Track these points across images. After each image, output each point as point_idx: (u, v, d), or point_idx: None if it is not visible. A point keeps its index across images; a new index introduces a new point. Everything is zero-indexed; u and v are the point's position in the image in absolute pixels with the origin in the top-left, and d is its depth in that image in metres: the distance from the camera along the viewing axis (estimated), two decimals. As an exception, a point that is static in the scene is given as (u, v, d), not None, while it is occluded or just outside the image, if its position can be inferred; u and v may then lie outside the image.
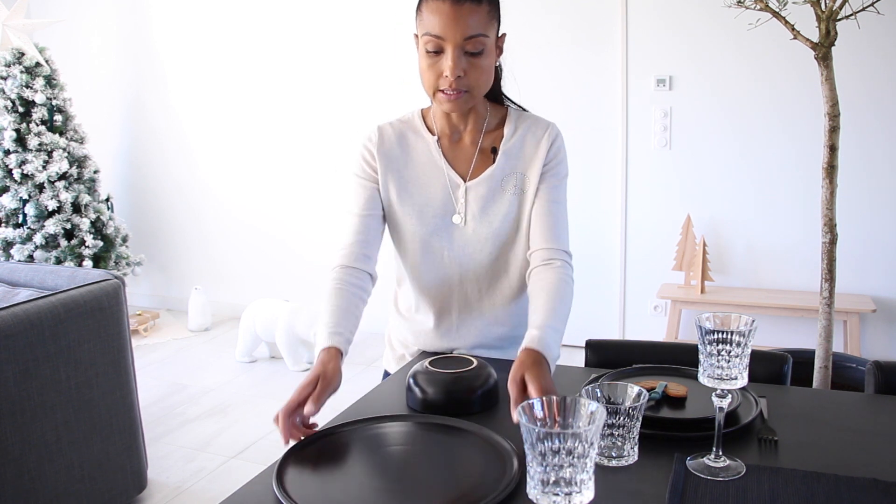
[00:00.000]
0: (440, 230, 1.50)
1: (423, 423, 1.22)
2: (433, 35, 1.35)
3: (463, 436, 1.16)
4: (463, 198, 1.48)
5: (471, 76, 1.37)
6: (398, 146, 1.52)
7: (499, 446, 1.11)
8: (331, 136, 4.29)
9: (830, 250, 1.95)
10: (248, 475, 1.13)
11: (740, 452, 1.09)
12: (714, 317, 1.03)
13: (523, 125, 1.52)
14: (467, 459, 1.11)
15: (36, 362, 2.06)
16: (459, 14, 1.33)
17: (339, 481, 1.07)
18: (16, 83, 4.00)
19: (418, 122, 1.54)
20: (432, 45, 1.36)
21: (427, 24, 1.36)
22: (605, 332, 3.78)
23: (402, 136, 1.52)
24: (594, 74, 3.67)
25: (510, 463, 1.05)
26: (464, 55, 1.36)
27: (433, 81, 1.39)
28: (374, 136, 1.52)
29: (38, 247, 4.05)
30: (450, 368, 1.31)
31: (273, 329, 3.78)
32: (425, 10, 1.37)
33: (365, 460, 1.14)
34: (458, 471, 1.09)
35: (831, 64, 1.88)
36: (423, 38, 1.37)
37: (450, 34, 1.34)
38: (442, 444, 1.15)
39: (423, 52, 1.38)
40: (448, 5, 1.33)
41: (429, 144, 1.51)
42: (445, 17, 1.34)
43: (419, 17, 1.39)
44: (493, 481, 1.02)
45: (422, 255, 1.53)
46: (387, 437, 1.19)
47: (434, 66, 1.37)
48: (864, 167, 3.27)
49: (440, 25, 1.34)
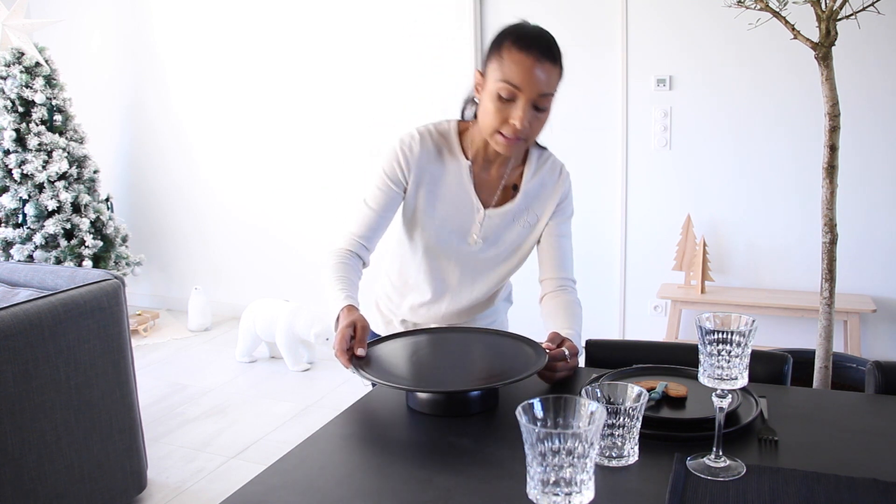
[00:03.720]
0: (452, 246, 1.62)
1: (466, 330, 1.55)
2: (511, 84, 1.41)
3: (494, 334, 1.50)
4: (480, 223, 1.60)
5: (533, 127, 1.46)
6: (435, 162, 1.58)
7: (529, 343, 1.42)
8: (331, 135, 4.29)
9: (831, 250, 1.95)
10: (248, 475, 1.13)
11: (740, 452, 1.09)
12: (714, 317, 1.03)
13: (542, 168, 1.64)
14: (499, 350, 1.42)
15: (36, 362, 2.06)
16: (540, 71, 1.41)
17: (399, 366, 1.37)
18: (16, 83, 4.00)
19: (455, 141, 1.59)
20: (506, 92, 1.42)
21: (506, 72, 1.42)
22: (605, 332, 3.78)
23: (439, 151, 1.59)
24: (594, 74, 3.67)
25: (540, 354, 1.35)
26: (531, 108, 1.43)
27: (496, 124, 1.45)
28: (416, 146, 1.57)
29: (38, 247, 4.05)
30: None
31: (273, 329, 3.78)
32: (506, 57, 1.42)
33: (416, 354, 1.42)
34: (493, 359, 1.41)
35: (831, 64, 1.88)
36: (498, 83, 1.43)
37: (527, 88, 1.41)
38: (479, 342, 1.49)
39: (494, 95, 1.44)
40: (532, 61, 1.41)
41: (461, 168, 1.58)
42: (527, 72, 1.41)
43: (496, 61, 1.44)
44: (522, 365, 1.31)
45: (427, 258, 1.65)
46: (427, 341, 1.48)
47: (501, 112, 1.44)
48: (865, 167, 3.27)
49: (520, 77, 1.41)
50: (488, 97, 1.45)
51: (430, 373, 1.35)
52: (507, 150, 1.49)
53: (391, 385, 1.26)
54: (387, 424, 1.27)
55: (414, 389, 1.26)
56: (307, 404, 3.38)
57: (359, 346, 1.35)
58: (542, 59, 1.42)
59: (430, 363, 1.40)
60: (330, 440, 1.21)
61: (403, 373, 1.35)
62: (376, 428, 1.27)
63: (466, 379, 1.32)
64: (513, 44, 1.43)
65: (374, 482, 1.07)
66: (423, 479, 1.06)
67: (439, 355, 1.44)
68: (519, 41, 1.43)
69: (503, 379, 1.27)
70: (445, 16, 3.89)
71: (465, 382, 1.30)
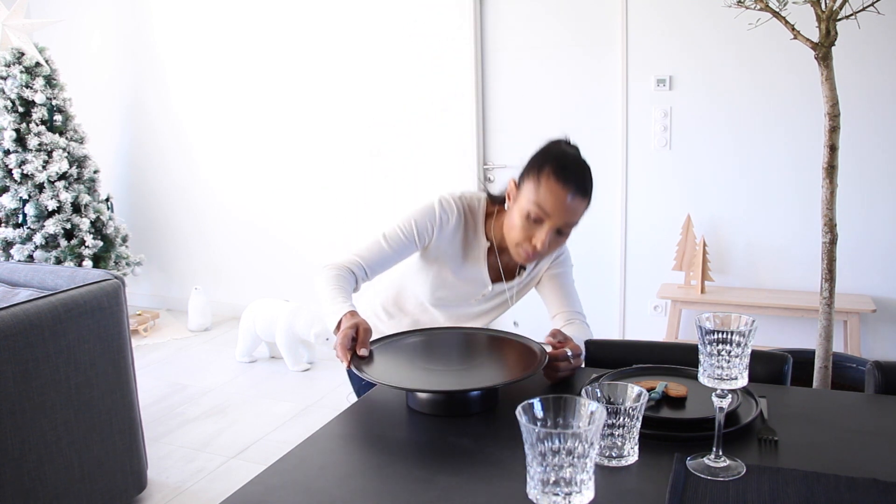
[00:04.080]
0: (451, 305, 1.75)
1: (464, 330, 1.58)
2: (542, 209, 1.51)
3: (494, 334, 1.53)
4: (483, 295, 1.73)
5: (551, 247, 1.57)
6: (460, 236, 1.69)
7: (530, 343, 1.44)
8: (331, 135, 4.29)
9: (830, 250, 1.95)
10: (248, 475, 1.13)
11: (740, 452, 1.09)
12: (714, 317, 1.03)
13: (551, 255, 1.74)
14: (499, 350, 1.45)
15: (36, 362, 2.05)
16: (571, 204, 1.51)
17: (399, 368, 1.37)
18: (16, 83, 4.00)
19: (480, 221, 1.70)
20: (535, 215, 1.52)
21: (540, 197, 1.51)
22: (605, 332, 3.78)
23: (465, 227, 1.69)
24: (594, 75, 3.67)
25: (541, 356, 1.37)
26: (555, 232, 1.53)
27: (520, 239, 1.56)
28: (452, 219, 1.66)
29: (38, 247, 4.05)
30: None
31: (273, 329, 3.78)
32: (543, 184, 1.50)
33: (417, 356, 1.44)
34: (493, 358, 1.43)
35: (831, 64, 1.88)
36: (530, 204, 1.52)
37: (556, 217, 1.51)
38: (480, 343, 1.50)
39: (525, 213, 1.53)
40: (566, 194, 1.50)
41: (480, 247, 1.69)
42: (559, 203, 1.50)
43: (533, 182, 1.52)
44: (522, 365, 1.34)
45: (424, 303, 1.76)
46: (428, 341, 1.51)
47: (527, 230, 1.54)
48: (865, 167, 3.27)
49: (551, 206, 1.50)
50: (518, 212, 1.55)
51: (431, 373, 1.35)
52: (524, 262, 1.61)
53: (391, 385, 1.26)
54: (387, 424, 1.27)
55: (414, 390, 1.26)
56: (307, 404, 3.38)
57: (361, 346, 1.38)
58: (576, 194, 1.50)
59: (431, 363, 1.40)
60: (330, 440, 1.21)
61: (404, 373, 1.35)
62: (376, 428, 1.27)
63: (467, 379, 1.32)
64: (552, 172, 1.50)
65: (374, 482, 1.07)
66: (423, 479, 1.06)
67: (439, 355, 1.44)
68: (558, 171, 1.50)
69: (503, 379, 1.27)
70: (445, 16, 3.89)
71: (466, 382, 1.29)
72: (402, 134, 4.11)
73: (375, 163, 4.21)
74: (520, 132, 3.81)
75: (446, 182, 4.01)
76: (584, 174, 1.54)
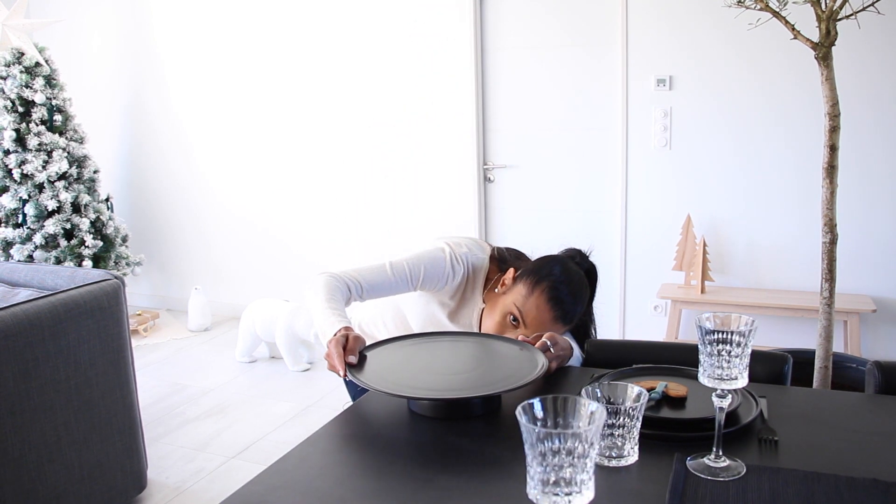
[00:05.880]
0: None
1: (458, 337, 1.54)
2: (522, 318, 1.55)
3: (496, 341, 1.49)
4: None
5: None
6: (459, 292, 1.74)
7: (529, 350, 1.42)
8: (331, 135, 4.29)
9: (831, 250, 1.95)
10: (248, 475, 1.13)
11: (740, 452, 1.09)
12: (714, 317, 1.03)
13: None
14: (498, 354, 1.43)
15: (36, 362, 2.05)
16: (552, 326, 1.55)
17: (397, 373, 1.35)
18: (15, 83, 3.99)
19: (480, 283, 1.74)
20: (515, 317, 1.56)
21: (526, 307, 1.55)
22: (605, 332, 3.76)
23: (465, 286, 1.74)
24: (594, 74, 3.67)
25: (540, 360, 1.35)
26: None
27: (493, 331, 1.59)
28: (458, 275, 1.71)
29: (38, 247, 4.05)
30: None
31: (273, 329, 3.78)
32: (534, 297, 1.54)
33: (414, 362, 1.41)
34: (493, 363, 1.40)
35: (831, 64, 1.88)
36: (514, 307, 1.56)
37: (532, 329, 1.55)
38: (479, 347, 1.48)
39: (506, 311, 1.57)
40: (550, 317, 1.54)
41: (475, 306, 1.73)
42: (540, 320, 1.54)
43: (527, 288, 1.56)
44: (523, 369, 1.33)
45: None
46: (428, 345, 1.48)
47: (502, 326, 1.58)
48: (865, 167, 3.27)
49: (531, 319, 1.55)
50: (502, 307, 1.59)
51: (433, 378, 1.33)
52: None
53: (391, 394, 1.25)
54: (387, 424, 1.27)
55: (417, 398, 1.25)
56: (307, 404, 3.38)
57: (349, 354, 1.37)
58: (559, 320, 1.55)
59: (431, 368, 1.39)
60: (330, 440, 1.21)
61: (404, 378, 1.33)
62: (376, 428, 1.27)
63: (470, 384, 1.30)
64: (545, 291, 1.55)
65: (374, 482, 1.07)
66: (424, 479, 1.06)
67: (438, 360, 1.43)
68: (551, 293, 1.55)
69: (506, 383, 1.27)
70: (445, 16, 3.89)
71: (469, 388, 1.28)
72: (402, 134, 4.11)
73: (375, 163, 4.21)
74: (520, 132, 3.81)
75: (446, 182, 4.01)
76: (576, 302, 1.57)
